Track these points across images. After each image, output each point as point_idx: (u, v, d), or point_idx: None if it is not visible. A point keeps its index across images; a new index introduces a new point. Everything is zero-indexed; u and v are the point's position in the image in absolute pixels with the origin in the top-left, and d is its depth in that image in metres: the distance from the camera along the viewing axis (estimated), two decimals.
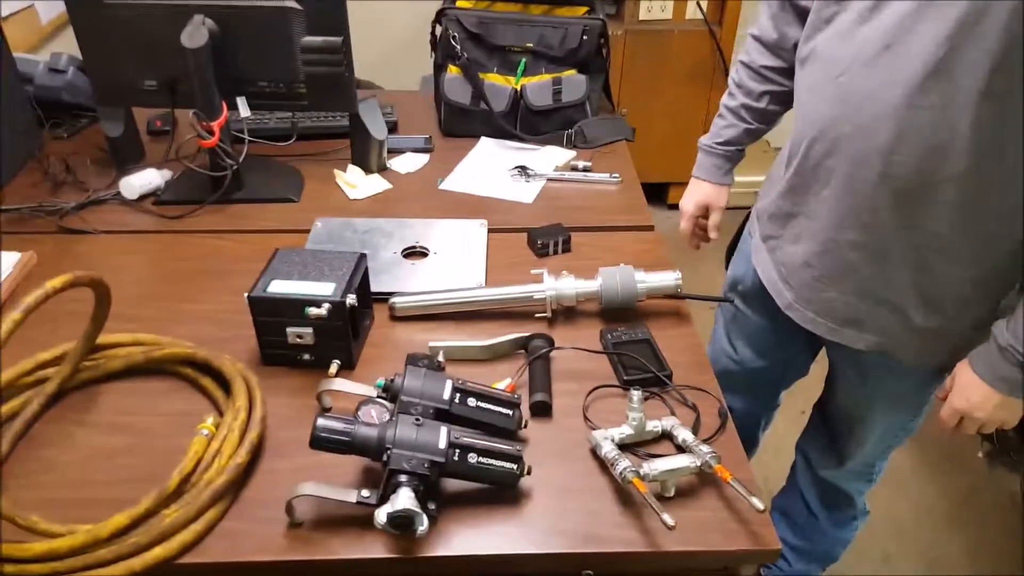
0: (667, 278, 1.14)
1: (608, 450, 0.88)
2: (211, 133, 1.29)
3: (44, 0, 2.01)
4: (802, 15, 1.12)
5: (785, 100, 1.24)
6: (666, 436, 0.94)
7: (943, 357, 1.11)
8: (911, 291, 1.05)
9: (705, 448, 0.87)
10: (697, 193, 1.41)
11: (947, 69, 0.87)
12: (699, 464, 0.86)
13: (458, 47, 1.57)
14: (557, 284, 1.13)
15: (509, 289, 1.14)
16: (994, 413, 1.01)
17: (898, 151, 0.94)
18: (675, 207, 3.16)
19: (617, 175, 1.53)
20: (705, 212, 1.42)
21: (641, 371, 1.04)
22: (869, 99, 0.95)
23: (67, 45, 2.08)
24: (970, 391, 1.02)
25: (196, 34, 1.22)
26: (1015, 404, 1.00)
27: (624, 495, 0.87)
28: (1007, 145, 0.89)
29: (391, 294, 1.15)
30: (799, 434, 1.53)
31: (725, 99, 1.35)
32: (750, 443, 1.66)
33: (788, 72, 1.19)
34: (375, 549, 0.81)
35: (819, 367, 1.38)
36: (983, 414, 1.02)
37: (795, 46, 1.13)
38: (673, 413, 0.98)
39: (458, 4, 1.65)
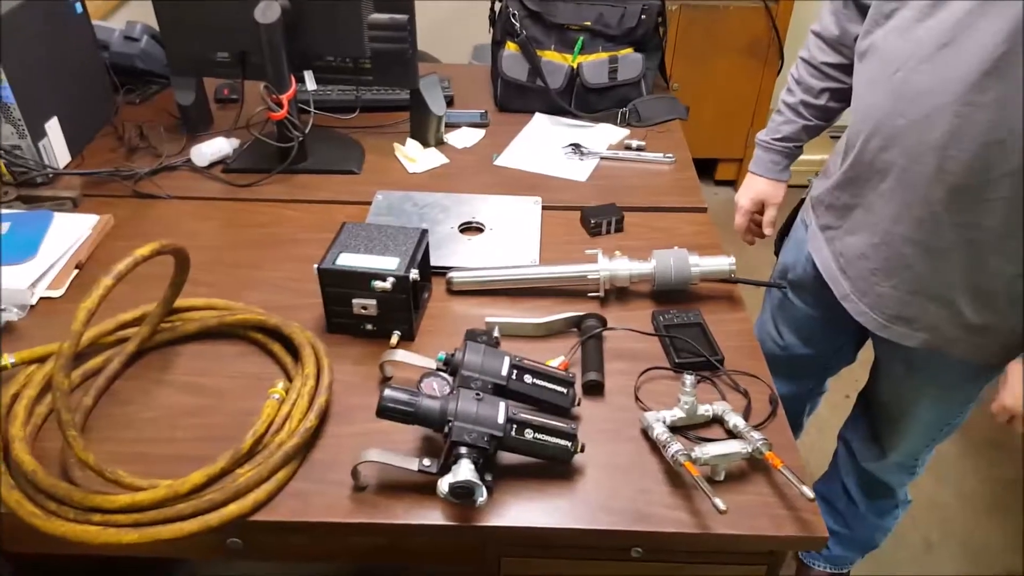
0: (721, 262, 1.15)
1: (660, 432, 0.90)
2: (280, 106, 1.33)
3: None
4: (864, 11, 1.11)
5: (845, 97, 1.23)
6: (717, 420, 0.96)
7: (993, 354, 1.11)
8: (963, 287, 1.05)
9: (756, 435, 0.89)
10: (753, 189, 1.41)
11: (1005, 67, 0.87)
12: (750, 450, 0.88)
13: (517, 24, 1.58)
14: (611, 265, 1.15)
15: (564, 268, 1.16)
16: None
17: (953, 147, 0.94)
18: (723, 183, 3.18)
19: (671, 155, 1.53)
20: (760, 208, 1.42)
21: (693, 355, 1.06)
22: (925, 95, 0.95)
23: (137, 12, 2.13)
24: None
25: (269, 10, 1.25)
26: None
27: (673, 476, 0.90)
28: None
29: (449, 268, 1.18)
30: (842, 419, 1.53)
31: (784, 95, 1.35)
32: (794, 427, 1.66)
33: (849, 69, 1.18)
34: (434, 516, 0.85)
35: (866, 351, 1.38)
36: None
37: (856, 42, 1.13)
38: (724, 398, 1.00)
39: None
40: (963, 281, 1.04)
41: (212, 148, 1.44)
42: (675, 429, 0.93)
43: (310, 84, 1.39)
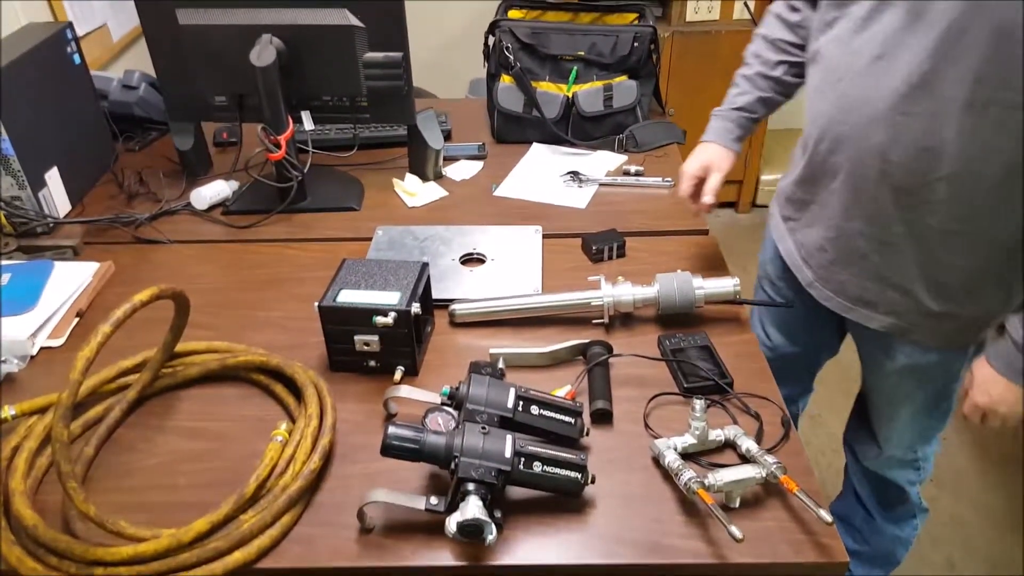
0: (725, 284, 1.14)
1: (671, 460, 0.88)
2: (278, 147, 1.33)
3: (112, 15, 2.10)
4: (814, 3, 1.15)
5: (800, 73, 1.24)
6: (729, 445, 0.94)
7: (960, 338, 1.14)
8: (919, 277, 1.09)
9: (770, 458, 0.87)
10: (701, 154, 1.34)
11: (932, 82, 0.93)
12: (764, 475, 0.86)
13: (511, 57, 1.59)
14: (615, 291, 1.14)
15: (568, 296, 1.15)
16: (1016, 405, 1.05)
17: (891, 153, 1.00)
18: (723, 204, 3.18)
19: (669, 179, 1.53)
20: (706, 174, 1.32)
21: (701, 378, 1.04)
22: (864, 104, 1.01)
23: (136, 60, 2.17)
24: (991, 386, 1.05)
25: (264, 53, 1.27)
26: None
27: (688, 504, 0.87)
28: (992, 152, 0.94)
29: (451, 301, 1.17)
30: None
31: (741, 70, 1.34)
32: None
33: (803, 48, 1.20)
34: (444, 556, 0.83)
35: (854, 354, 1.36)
36: (1005, 408, 1.05)
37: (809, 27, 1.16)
38: (735, 421, 0.98)
39: (510, 15, 1.68)
40: (918, 272, 1.08)
41: (212, 191, 1.44)
42: (687, 456, 0.92)
43: (308, 124, 1.40)
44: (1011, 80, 0.89)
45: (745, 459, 0.91)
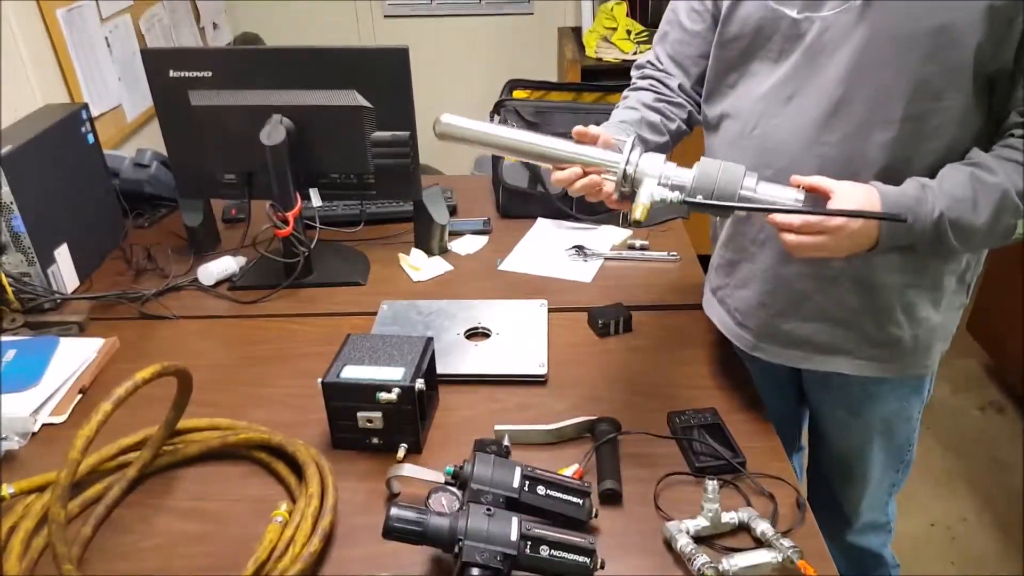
0: (787, 194, 0.92)
1: (684, 544, 0.86)
2: (286, 223, 1.35)
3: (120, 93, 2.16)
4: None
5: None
6: (743, 528, 0.91)
7: (907, 366, 1.13)
8: (861, 307, 1.07)
9: (786, 542, 0.84)
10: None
11: (843, 106, 0.96)
12: (781, 559, 0.83)
13: None
14: (641, 161, 0.93)
15: (581, 150, 0.97)
16: (838, 254, 0.94)
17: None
18: None
19: (675, 253, 1.53)
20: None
21: (713, 458, 1.02)
22: (784, 144, 1.02)
23: (150, 139, 2.22)
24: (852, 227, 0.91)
25: (274, 132, 1.30)
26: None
27: None
28: (912, 156, 0.96)
29: (455, 376, 1.16)
30: None
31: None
32: None
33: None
34: None
35: None
36: (830, 254, 0.94)
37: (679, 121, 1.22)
38: (748, 503, 0.96)
39: (515, 95, 1.72)
40: (859, 302, 1.07)
41: (219, 267, 1.45)
42: (699, 539, 0.89)
43: (316, 201, 1.42)
44: (918, 88, 0.91)
45: (760, 542, 0.88)
